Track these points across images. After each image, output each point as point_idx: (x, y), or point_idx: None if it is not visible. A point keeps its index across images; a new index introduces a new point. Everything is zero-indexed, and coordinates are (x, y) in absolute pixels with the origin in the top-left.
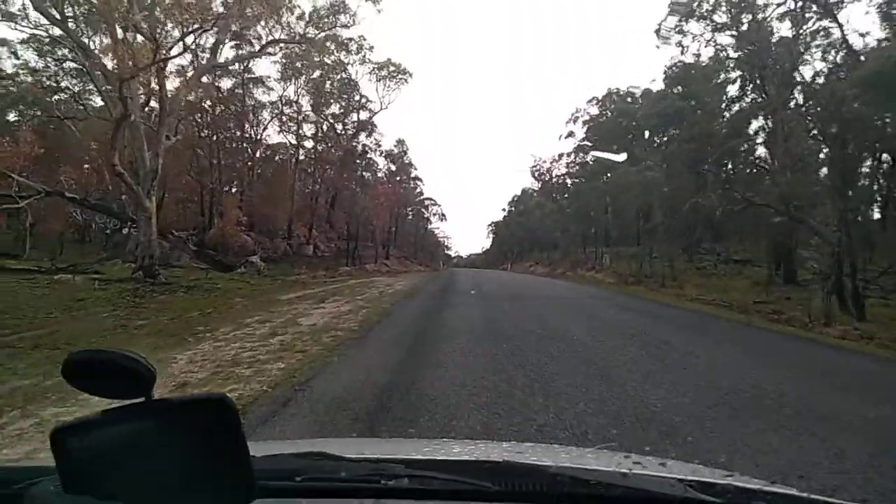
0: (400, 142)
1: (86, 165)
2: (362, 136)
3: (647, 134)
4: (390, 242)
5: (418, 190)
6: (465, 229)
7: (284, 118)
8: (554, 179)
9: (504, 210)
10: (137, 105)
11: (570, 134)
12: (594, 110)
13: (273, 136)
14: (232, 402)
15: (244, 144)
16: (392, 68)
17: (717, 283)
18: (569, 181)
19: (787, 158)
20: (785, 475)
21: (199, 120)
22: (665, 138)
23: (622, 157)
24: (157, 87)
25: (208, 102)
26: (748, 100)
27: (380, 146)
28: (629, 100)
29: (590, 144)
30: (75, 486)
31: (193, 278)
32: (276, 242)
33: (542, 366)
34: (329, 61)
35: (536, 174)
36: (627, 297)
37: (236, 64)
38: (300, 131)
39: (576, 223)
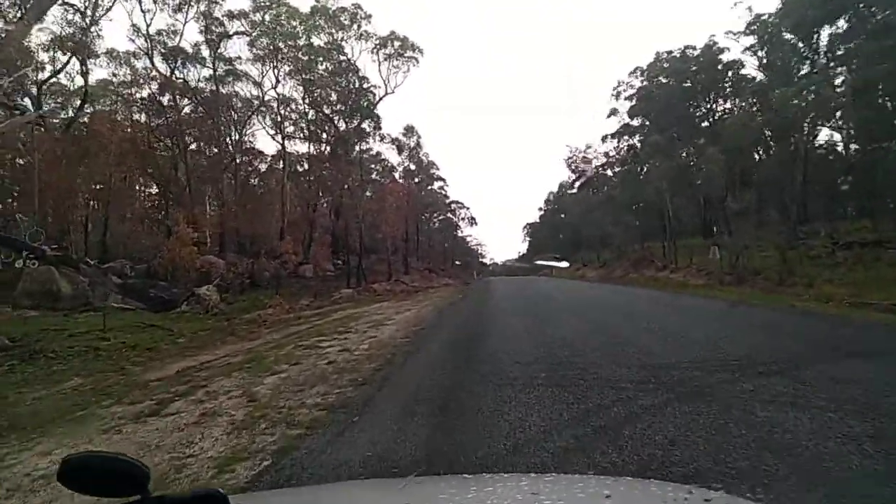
0: (408, 129)
1: None
2: (365, 124)
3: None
4: (409, 253)
5: (444, 192)
6: (499, 233)
7: (265, 111)
8: (594, 169)
9: (540, 209)
10: None
11: (613, 112)
12: (637, 82)
13: (261, 137)
14: (227, 498)
15: (218, 147)
16: (398, 44)
17: (860, 277)
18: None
19: None
20: None
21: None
22: None
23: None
24: None
25: (165, 95)
26: None
27: (379, 129)
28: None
29: (635, 124)
30: None
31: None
32: (262, 263)
33: None
34: (319, 41)
35: (573, 166)
36: (772, 309)
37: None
38: (283, 125)
39: (631, 215)
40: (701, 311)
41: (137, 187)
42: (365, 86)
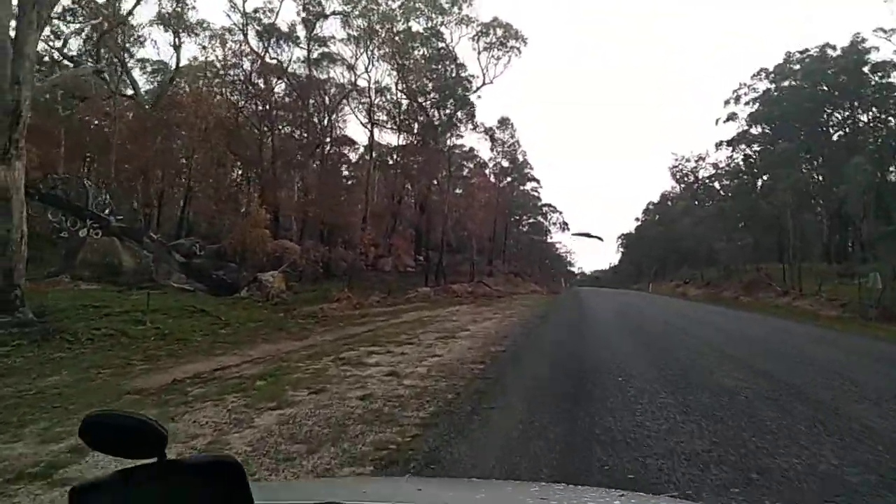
0: (503, 122)
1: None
2: (459, 112)
3: None
4: (495, 255)
5: (536, 194)
6: (590, 242)
7: (357, 96)
8: (701, 180)
9: (637, 219)
10: None
11: (731, 117)
12: (762, 85)
13: (350, 126)
14: (240, 464)
15: (307, 132)
16: (500, 32)
17: None
18: (718, 184)
19: None
20: None
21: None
22: None
23: None
24: None
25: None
26: None
27: (473, 118)
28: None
29: (755, 132)
30: None
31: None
32: (338, 252)
33: None
34: (417, 25)
35: (678, 175)
36: None
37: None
38: (373, 110)
39: (743, 231)
40: (883, 356)
41: (221, 167)
42: (462, 74)
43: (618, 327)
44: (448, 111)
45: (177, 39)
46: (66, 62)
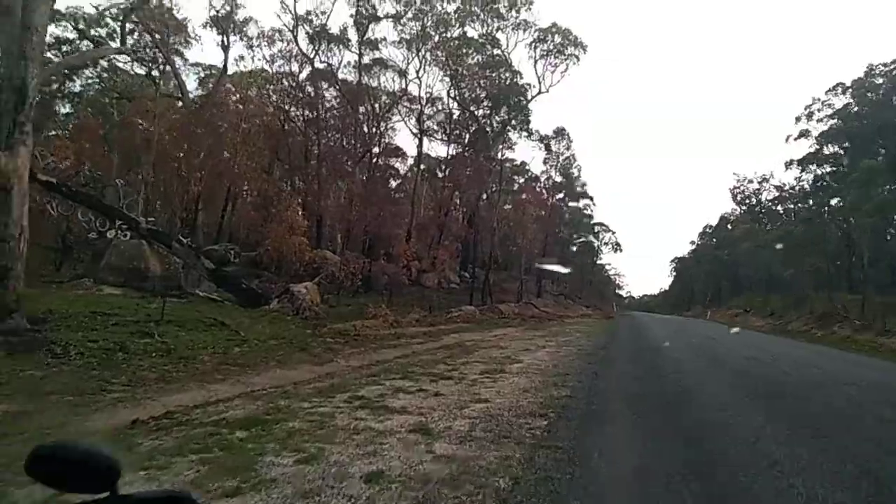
0: (559, 132)
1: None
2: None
3: None
4: (544, 275)
5: (589, 212)
6: (637, 264)
7: (407, 104)
8: (765, 203)
9: (693, 242)
10: None
11: (804, 134)
12: (839, 101)
13: (399, 136)
14: (193, 498)
15: (355, 138)
16: (558, 39)
17: None
18: (781, 207)
19: None
20: None
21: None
22: None
23: None
24: None
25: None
26: None
27: (528, 124)
28: None
29: (826, 152)
30: None
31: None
32: (380, 265)
33: None
34: (472, 30)
35: (740, 197)
36: None
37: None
38: (423, 116)
39: (814, 257)
40: None
41: (265, 172)
42: (518, 81)
43: (702, 366)
44: (501, 118)
45: (225, 39)
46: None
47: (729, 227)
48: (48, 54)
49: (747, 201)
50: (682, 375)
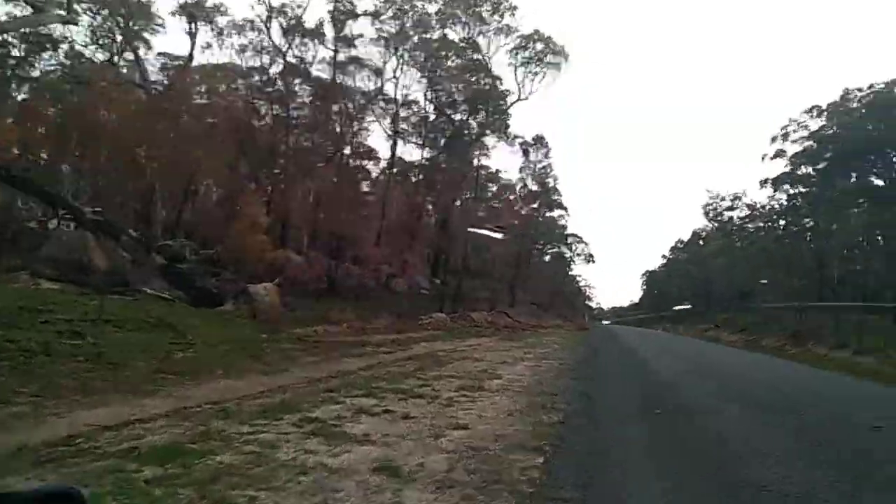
0: (538, 139)
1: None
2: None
3: None
4: (516, 284)
5: (563, 223)
6: (606, 276)
7: (383, 105)
8: (738, 220)
9: (665, 257)
10: None
11: (779, 154)
12: (814, 123)
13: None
14: (79, 493)
15: (325, 136)
16: (540, 46)
17: None
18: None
19: None
20: None
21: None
22: None
23: None
24: None
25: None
26: None
27: (507, 128)
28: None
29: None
30: None
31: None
32: (347, 267)
33: None
34: (453, 33)
35: (712, 214)
36: None
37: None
38: (398, 116)
39: (789, 276)
40: None
41: (229, 168)
42: (498, 86)
43: (700, 385)
44: (479, 121)
45: (193, 26)
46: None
47: (701, 242)
48: None
49: (719, 218)
50: (670, 388)
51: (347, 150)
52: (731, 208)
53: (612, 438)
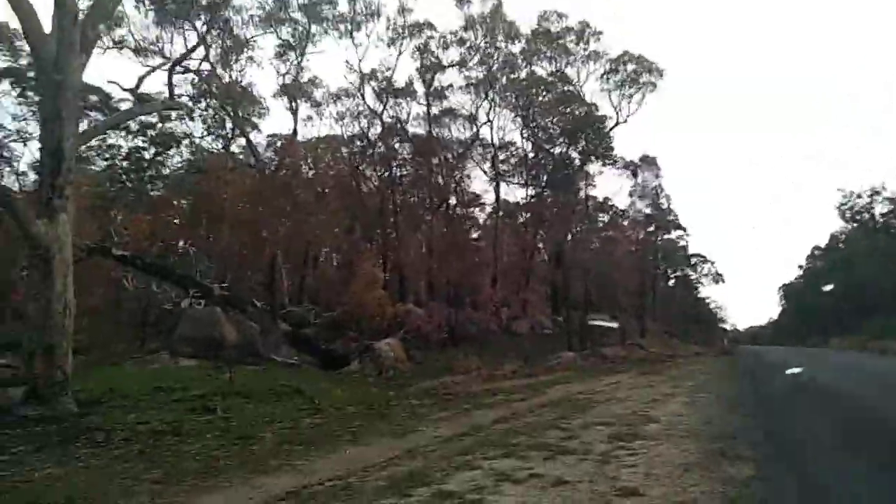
0: (645, 159)
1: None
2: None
3: None
4: (644, 313)
5: (683, 243)
6: (738, 294)
7: (480, 150)
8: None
9: (801, 266)
10: None
11: None
12: None
13: (474, 180)
14: None
15: (429, 189)
16: (632, 67)
17: None
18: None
19: None
20: None
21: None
22: None
23: None
24: None
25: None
26: None
27: (611, 150)
28: None
29: None
30: None
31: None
32: (466, 313)
33: None
34: (540, 69)
35: (849, 214)
36: None
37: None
38: (497, 157)
39: None
40: None
41: (343, 231)
42: (594, 113)
43: None
44: (580, 149)
45: (293, 103)
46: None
47: (841, 245)
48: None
49: (858, 217)
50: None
51: (453, 200)
52: (869, 205)
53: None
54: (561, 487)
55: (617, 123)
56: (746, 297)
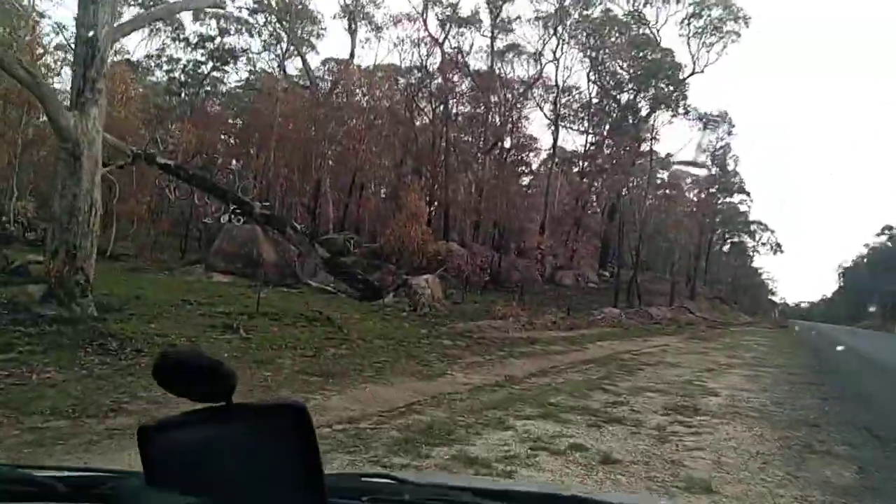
0: (722, 116)
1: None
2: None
3: None
4: (696, 276)
5: (745, 208)
6: (790, 267)
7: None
8: None
9: (867, 246)
10: None
11: None
12: None
13: (532, 124)
14: (307, 410)
15: (485, 127)
16: (717, 13)
17: None
18: None
19: None
20: None
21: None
22: None
23: None
24: None
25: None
26: None
27: (685, 99)
28: None
29: None
30: (159, 480)
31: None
32: (510, 259)
33: None
34: (617, 8)
35: None
36: None
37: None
38: (559, 99)
39: None
40: None
41: (391, 161)
42: (669, 59)
43: None
44: (650, 97)
45: (352, 25)
46: None
47: None
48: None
49: None
50: None
51: (507, 142)
52: None
53: None
54: (610, 467)
55: (693, 73)
56: (799, 272)
